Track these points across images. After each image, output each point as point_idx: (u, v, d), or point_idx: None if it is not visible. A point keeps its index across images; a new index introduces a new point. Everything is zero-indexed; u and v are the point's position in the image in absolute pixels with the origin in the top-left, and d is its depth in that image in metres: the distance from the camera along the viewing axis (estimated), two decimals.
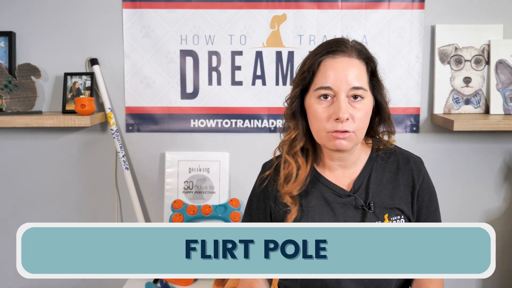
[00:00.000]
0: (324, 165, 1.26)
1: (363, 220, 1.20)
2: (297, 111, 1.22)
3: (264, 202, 1.29)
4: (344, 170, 1.25)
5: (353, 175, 1.25)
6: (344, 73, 1.14)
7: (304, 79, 1.19)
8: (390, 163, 1.26)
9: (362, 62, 1.19)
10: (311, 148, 1.25)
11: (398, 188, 1.24)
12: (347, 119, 1.13)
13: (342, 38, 1.22)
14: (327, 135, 1.16)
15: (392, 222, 1.20)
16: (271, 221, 1.28)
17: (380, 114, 1.25)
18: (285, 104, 1.26)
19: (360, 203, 1.21)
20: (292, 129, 1.23)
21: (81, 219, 2.04)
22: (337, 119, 1.13)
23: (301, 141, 1.22)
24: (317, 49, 1.21)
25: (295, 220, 1.22)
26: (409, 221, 1.24)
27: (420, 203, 1.26)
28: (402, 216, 1.22)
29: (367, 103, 1.18)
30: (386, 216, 1.20)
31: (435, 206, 1.29)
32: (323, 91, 1.15)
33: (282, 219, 1.24)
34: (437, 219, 1.29)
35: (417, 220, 1.26)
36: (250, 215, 1.33)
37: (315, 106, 1.17)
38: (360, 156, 1.26)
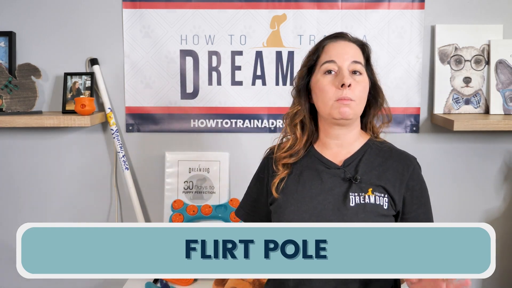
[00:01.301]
0: (322, 144, 1.36)
1: (348, 190, 1.26)
2: (302, 89, 1.35)
3: (263, 172, 1.41)
4: (339, 149, 1.34)
5: (347, 155, 1.33)
6: (345, 50, 1.30)
7: (311, 60, 1.34)
8: (384, 151, 1.35)
9: (358, 47, 1.34)
10: (308, 125, 1.36)
11: (387, 171, 1.30)
12: (349, 85, 1.25)
13: (342, 32, 1.37)
14: (333, 104, 1.27)
15: (375, 196, 1.26)
16: (267, 191, 1.37)
17: (375, 97, 1.35)
18: (293, 83, 1.40)
19: (348, 175, 1.29)
20: (296, 104, 1.36)
21: (81, 219, 2.04)
22: (342, 85, 1.25)
23: (301, 116, 1.35)
24: (321, 39, 1.38)
25: (282, 184, 1.32)
26: (393, 202, 1.27)
27: (411, 192, 1.30)
28: (386, 195, 1.27)
29: (365, 79, 1.31)
30: (370, 190, 1.26)
31: (426, 199, 1.33)
32: (328, 64, 1.29)
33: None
34: (427, 211, 1.33)
35: (408, 209, 1.29)
36: (252, 182, 1.46)
37: (321, 80, 1.29)
38: (357, 139, 1.35)
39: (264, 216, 1.40)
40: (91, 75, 1.96)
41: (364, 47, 1.35)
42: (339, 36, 1.34)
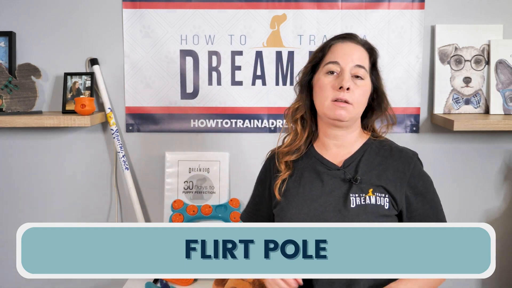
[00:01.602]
0: (321, 144, 1.36)
1: (348, 191, 1.26)
2: (304, 85, 1.36)
3: (264, 175, 1.42)
4: (338, 150, 1.34)
5: (346, 155, 1.33)
6: (351, 52, 1.30)
7: (316, 57, 1.35)
8: (384, 150, 1.34)
9: (366, 51, 1.34)
10: (309, 122, 1.37)
11: (387, 170, 1.29)
12: (348, 88, 1.26)
13: (352, 33, 1.37)
14: (329, 104, 1.28)
15: (376, 197, 1.25)
16: (270, 194, 1.39)
17: (379, 102, 1.36)
18: (297, 78, 1.41)
19: (348, 176, 1.29)
20: (298, 100, 1.38)
21: (81, 219, 2.04)
22: (341, 87, 1.26)
23: (302, 111, 1.36)
24: (330, 38, 1.38)
25: (285, 184, 1.32)
26: (395, 201, 1.26)
27: (413, 189, 1.28)
28: (387, 195, 1.26)
29: (366, 84, 1.31)
30: (370, 190, 1.26)
31: (432, 195, 1.31)
32: (331, 65, 1.29)
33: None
34: (435, 206, 1.31)
35: (413, 207, 1.28)
36: (255, 186, 1.47)
37: (323, 79, 1.30)
38: (357, 140, 1.35)
39: (267, 219, 1.40)
40: (91, 75, 1.96)
41: (371, 51, 1.35)
42: (348, 37, 1.34)
